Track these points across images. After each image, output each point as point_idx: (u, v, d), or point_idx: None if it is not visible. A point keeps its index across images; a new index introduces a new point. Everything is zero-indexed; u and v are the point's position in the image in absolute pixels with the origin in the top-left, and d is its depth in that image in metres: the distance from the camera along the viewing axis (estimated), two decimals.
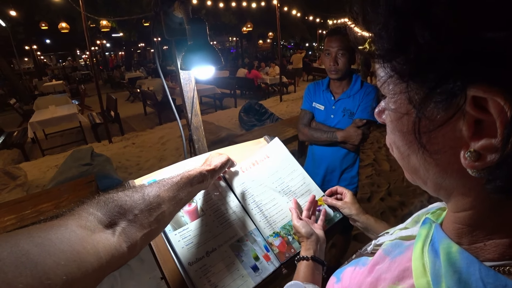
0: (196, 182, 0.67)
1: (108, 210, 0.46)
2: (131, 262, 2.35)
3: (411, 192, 3.13)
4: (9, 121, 8.28)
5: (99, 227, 0.43)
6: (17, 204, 2.63)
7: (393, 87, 0.27)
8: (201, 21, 0.83)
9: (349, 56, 1.42)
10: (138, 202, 0.51)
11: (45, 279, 0.29)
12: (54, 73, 20.79)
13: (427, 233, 0.32)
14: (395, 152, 0.33)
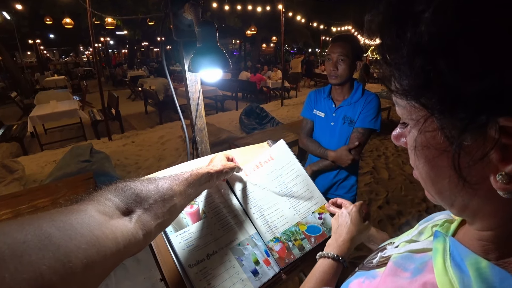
0: (203, 181, 0.68)
1: (125, 197, 0.48)
2: (126, 262, 2.33)
3: (409, 202, 3.14)
4: (9, 114, 8.27)
5: (117, 213, 0.44)
6: (13, 198, 2.61)
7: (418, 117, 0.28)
8: (211, 24, 0.83)
9: (349, 63, 1.44)
10: (153, 192, 0.53)
11: (67, 261, 0.30)
12: (56, 68, 20.76)
13: (444, 247, 0.32)
14: (420, 176, 0.33)
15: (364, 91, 1.53)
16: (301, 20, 11.98)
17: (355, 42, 1.46)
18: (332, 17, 15.67)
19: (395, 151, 4.62)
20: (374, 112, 1.48)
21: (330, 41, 1.54)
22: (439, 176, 0.29)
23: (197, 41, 0.85)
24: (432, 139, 0.28)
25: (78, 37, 18.40)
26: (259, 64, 13.97)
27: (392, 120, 6.47)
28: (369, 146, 4.84)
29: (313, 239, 0.85)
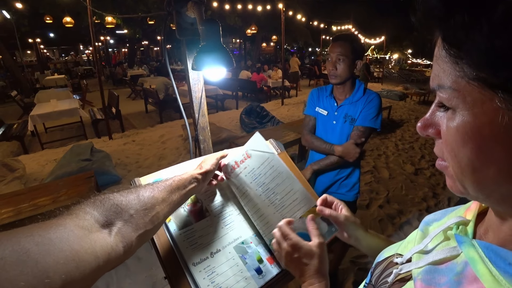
0: (188, 185, 0.67)
1: (104, 209, 0.47)
2: (127, 261, 2.31)
3: (410, 201, 3.15)
4: (10, 113, 8.27)
5: (96, 226, 0.44)
6: (14, 196, 2.61)
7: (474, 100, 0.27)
8: (215, 22, 0.83)
9: (349, 63, 1.45)
10: (133, 203, 0.52)
11: (45, 277, 0.30)
12: (56, 67, 20.74)
13: (478, 254, 0.31)
14: (457, 165, 0.31)
15: (366, 90, 1.53)
16: (302, 19, 11.96)
17: (355, 42, 1.47)
18: (332, 16, 15.65)
19: (395, 150, 4.62)
20: (374, 111, 1.48)
21: (331, 41, 1.55)
22: (484, 164, 0.28)
23: (200, 39, 0.85)
24: (488, 123, 0.27)
25: (78, 36, 18.40)
26: (259, 64, 13.94)
27: (392, 120, 6.46)
28: (369, 145, 4.84)
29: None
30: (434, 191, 3.35)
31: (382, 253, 0.50)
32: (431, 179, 3.65)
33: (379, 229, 2.66)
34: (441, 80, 0.30)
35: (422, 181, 3.60)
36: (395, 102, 8.32)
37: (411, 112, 7.38)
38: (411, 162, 4.15)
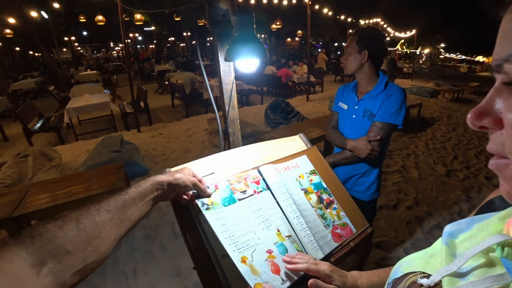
0: (149, 194, 0.63)
1: (34, 248, 0.42)
2: (153, 249, 2.41)
3: (440, 203, 2.99)
4: (48, 106, 8.79)
5: (23, 268, 0.40)
6: (51, 184, 2.78)
7: None
8: (248, 13, 0.82)
9: (354, 54, 1.44)
10: (70, 234, 0.46)
11: None
12: (89, 63, 21.80)
13: None
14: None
15: (388, 84, 1.46)
16: (328, 13, 11.66)
17: (364, 33, 1.43)
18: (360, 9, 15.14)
19: (425, 150, 4.41)
20: (394, 106, 1.40)
21: None
22: None
23: (233, 30, 0.84)
24: None
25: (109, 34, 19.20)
26: (283, 59, 13.81)
27: (423, 118, 6.16)
28: (397, 144, 4.65)
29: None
30: (468, 194, 3.16)
31: (399, 266, 0.44)
32: (465, 181, 3.44)
33: (407, 232, 2.56)
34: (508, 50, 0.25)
35: (454, 183, 3.40)
36: (426, 99, 7.93)
37: (443, 110, 6.99)
38: (442, 163, 3.93)
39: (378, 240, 2.44)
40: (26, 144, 5.23)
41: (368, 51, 1.41)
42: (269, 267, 0.70)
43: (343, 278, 0.66)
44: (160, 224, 2.72)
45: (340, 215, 0.91)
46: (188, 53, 25.41)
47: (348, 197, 0.97)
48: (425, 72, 16.27)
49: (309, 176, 0.95)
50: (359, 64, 1.45)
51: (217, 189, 0.78)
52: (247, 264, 0.67)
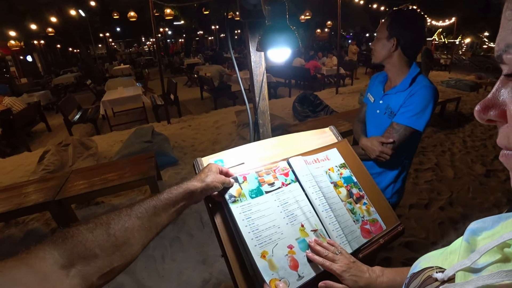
0: (181, 201, 0.64)
1: (65, 249, 0.44)
2: (181, 236, 2.50)
3: (477, 205, 2.79)
4: (85, 99, 9.34)
5: (54, 268, 0.41)
6: (89, 171, 2.97)
7: None
8: (281, 2, 0.81)
9: (383, 40, 1.26)
10: (100, 239, 0.48)
11: None
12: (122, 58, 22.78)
13: None
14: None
15: (416, 79, 1.26)
16: (360, 2, 11.19)
17: (397, 16, 1.23)
18: None
19: (463, 147, 4.13)
20: (416, 107, 1.20)
21: None
22: None
23: (266, 19, 0.83)
24: None
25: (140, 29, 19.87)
26: (312, 51, 13.51)
27: (461, 113, 5.75)
28: (432, 140, 4.40)
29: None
30: (509, 197, 2.91)
31: (418, 262, 0.43)
32: (507, 183, 3.16)
33: (438, 233, 2.43)
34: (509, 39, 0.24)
35: (494, 184, 3.15)
36: (465, 93, 7.39)
37: None
38: (481, 162, 3.65)
39: (407, 240, 2.35)
40: (66, 134, 5.61)
41: (397, 38, 1.22)
42: (288, 262, 0.70)
43: (355, 278, 0.66)
44: (188, 213, 2.81)
45: (370, 211, 0.88)
46: (217, 46, 25.66)
47: (379, 193, 0.94)
48: (465, 64, 15.16)
49: (339, 170, 0.93)
50: (387, 52, 1.27)
51: (245, 180, 0.79)
52: (266, 259, 0.68)
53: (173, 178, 3.50)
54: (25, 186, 2.76)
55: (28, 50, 15.88)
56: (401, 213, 2.69)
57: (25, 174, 3.93)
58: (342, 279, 0.66)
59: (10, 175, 4.03)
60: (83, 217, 2.79)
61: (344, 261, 0.68)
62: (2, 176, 4.02)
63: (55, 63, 20.63)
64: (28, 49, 15.48)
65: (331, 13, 11.35)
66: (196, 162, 0.84)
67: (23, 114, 5.61)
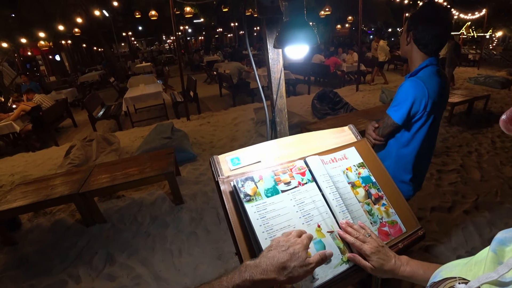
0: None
1: None
2: (198, 231, 2.55)
3: (506, 211, 2.61)
4: (109, 96, 9.67)
5: None
6: (111, 165, 3.07)
7: None
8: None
9: (405, 34, 1.30)
10: None
11: None
12: (144, 56, 23.38)
13: None
14: None
15: (418, 73, 1.27)
16: None
17: (417, 11, 1.26)
18: None
19: (491, 148, 3.90)
20: (396, 99, 1.26)
21: None
22: None
23: (283, 15, 0.82)
24: None
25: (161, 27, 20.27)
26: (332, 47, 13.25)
27: (490, 112, 5.43)
28: (457, 140, 4.19)
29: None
30: None
31: (440, 271, 0.42)
32: None
33: (462, 238, 2.31)
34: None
35: None
36: (495, 91, 6.98)
37: None
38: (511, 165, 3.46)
39: (428, 243, 2.26)
40: (91, 129, 5.84)
41: (412, 33, 1.25)
42: None
43: (382, 261, 0.68)
44: (206, 208, 2.85)
45: (389, 212, 0.86)
46: (236, 43, 25.73)
47: (399, 194, 0.91)
48: (495, 59, 14.30)
49: (357, 169, 0.90)
50: (405, 46, 1.32)
51: (261, 180, 0.78)
52: None
53: (192, 174, 3.56)
54: (52, 179, 2.90)
55: (57, 49, 16.66)
56: (422, 216, 2.59)
57: (53, 167, 4.13)
58: (369, 259, 0.69)
59: (40, 168, 4.25)
60: (105, 210, 2.90)
61: (373, 243, 0.71)
62: (32, 168, 4.25)
63: (81, 61, 21.49)
64: (56, 48, 16.23)
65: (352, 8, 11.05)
66: (212, 160, 0.84)
67: (51, 111, 5.89)
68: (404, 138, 1.34)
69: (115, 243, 2.49)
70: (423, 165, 1.43)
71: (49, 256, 2.41)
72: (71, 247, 2.49)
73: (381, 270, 0.68)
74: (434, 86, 1.21)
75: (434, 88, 1.21)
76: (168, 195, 3.05)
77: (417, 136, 1.31)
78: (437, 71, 1.25)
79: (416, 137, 1.32)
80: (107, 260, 2.32)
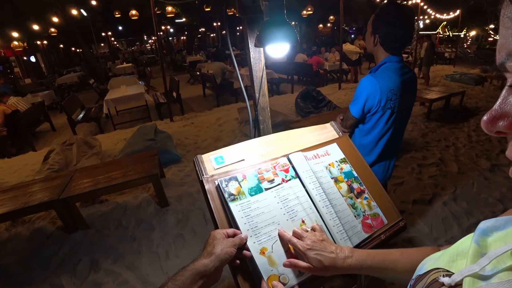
0: (191, 286, 0.57)
1: None
2: (184, 233, 2.52)
3: (482, 201, 2.75)
4: (89, 98, 9.39)
5: None
6: (93, 169, 2.99)
7: None
8: None
9: (369, 38, 1.38)
10: None
11: None
12: (124, 56, 22.87)
13: None
14: None
15: (377, 70, 1.37)
16: None
17: (379, 14, 1.31)
18: None
19: (467, 142, 4.07)
20: (355, 95, 1.39)
21: None
22: None
23: (264, 15, 0.83)
24: None
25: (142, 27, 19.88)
26: (314, 46, 13.42)
27: (465, 107, 5.67)
28: (435, 135, 4.35)
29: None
30: None
31: (424, 263, 0.41)
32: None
33: (442, 229, 2.41)
34: (510, 46, 0.23)
35: (500, 179, 3.10)
36: (470, 87, 7.29)
37: (490, 99, 6.35)
38: (486, 157, 3.60)
39: (410, 235, 2.34)
40: (70, 133, 5.66)
41: (378, 35, 1.32)
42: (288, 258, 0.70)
43: (319, 257, 0.62)
44: (192, 209, 2.83)
45: (371, 205, 0.88)
46: (219, 43, 25.59)
47: (380, 187, 0.94)
48: (470, 57, 14.93)
49: (339, 165, 0.92)
50: (371, 46, 1.39)
51: (245, 179, 0.79)
52: (265, 256, 0.68)
53: (177, 176, 3.52)
54: (30, 185, 2.79)
55: (32, 50, 16.01)
56: (405, 209, 2.67)
57: (30, 173, 3.97)
58: (306, 257, 0.64)
59: (16, 174, 4.08)
60: (88, 215, 2.82)
61: (311, 238, 0.66)
62: (8, 175, 4.07)
63: (59, 63, 20.76)
64: (31, 49, 15.60)
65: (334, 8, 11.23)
66: (196, 159, 0.84)
67: (28, 114, 5.66)
68: (365, 128, 1.46)
69: (100, 249, 2.43)
70: (387, 153, 1.52)
71: (30, 266, 2.32)
72: (52, 256, 2.40)
73: (322, 267, 0.63)
74: (388, 82, 1.30)
75: (388, 84, 1.29)
76: (153, 198, 3.01)
77: (376, 127, 1.42)
78: (395, 68, 1.34)
79: (375, 128, 1.42)
80: (92, 267, 2.26)
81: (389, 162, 1.58)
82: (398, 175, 3.23)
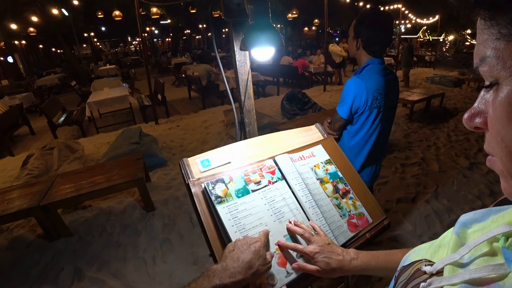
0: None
1: None
2: (171, 237, 2.49)
3: (462, 198, 2.87)
4: (70, 101, 9.12)
5: None
6: (75, 174, 2.90)
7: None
8: (264, 0, 0.81)
9: (352, 42, 1.43)
10: None
11: None
12: (108, 58, 22.34)
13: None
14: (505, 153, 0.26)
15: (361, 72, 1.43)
16: (346, 0, 11.32)
17: (361, 19, 1.36)
18: None
19: (447, 142, 4.24)
20: (341, 97, 1.43)
21: None
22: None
23: (249, 18, 0.84)
24: None
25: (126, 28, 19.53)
26: (300, 49, 13.57)
27: (445, 108, 5.89)
28: (417, 135, 4.50)
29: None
30: (491, 189, 3.01)
31: (408, 255, 0.44)
32: (489, 175, 3.26)
33: (425, 226, 2.49)
34: (481, 53, 0.26)
35: (477, 177, 3.25)
36: (449, 89, 7.58)
37: (468, 100, 6.64)
38: (465, 156, 3.76)
39: (395, 233, 2.40)
40: (51, 137, 5.46)
41: (360, 39, 1.38)
42: (276, 259, 0.71)
43: (327, 260, 0.66)
44: (178, 213, 2.79)
45: (356, 205, 0.90)
46: (204, 45, 25.46)
47: (364, 187, 0.96)
48: (448, 60, 15.52)
49: (324, 166, 0.94)
50: (354, 50, 1.44)
51: (232, 181, 0.79)
52: None
53: (162, 179, 3.46)
54: (8, 192, 2.68)
55: (9, 50, 15.40)
56: (389, 207, 2.74)
57: (8, 179, 3.81)
58: (315, 261, 0.67)
59: None
60: (70, 222, 2.73)
61: (319, 242, 0.69)
62: None
63: (38, 64, 20.05)
64: (8, 49, 15.01)
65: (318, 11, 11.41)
66: (182, 163, 0.83)
67: (4, 117, 5.44)
68: (353, 129, 1.49)
69: (83, 256, 2.36)
70: (375, 154, 1.56)
71: (9, 277, 2.22)
72: (33, 265, 2.31)
73: (330, 270, 0.66)
74: (372, 82, 1.35)
75: (373, 84, 1.35)
76: (139, 202, 2.95)
77: (364, 127, 1.45)
78: (378, 69, 1.39)
79: (363, 128, 1.46)
80: (75, 275, 2.18)
81: (376, 166, 1.62)
82: (382, 174, 3.31)
